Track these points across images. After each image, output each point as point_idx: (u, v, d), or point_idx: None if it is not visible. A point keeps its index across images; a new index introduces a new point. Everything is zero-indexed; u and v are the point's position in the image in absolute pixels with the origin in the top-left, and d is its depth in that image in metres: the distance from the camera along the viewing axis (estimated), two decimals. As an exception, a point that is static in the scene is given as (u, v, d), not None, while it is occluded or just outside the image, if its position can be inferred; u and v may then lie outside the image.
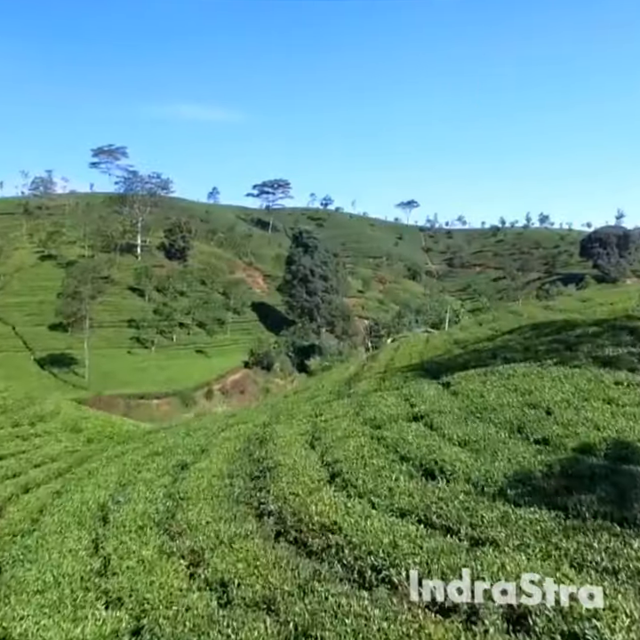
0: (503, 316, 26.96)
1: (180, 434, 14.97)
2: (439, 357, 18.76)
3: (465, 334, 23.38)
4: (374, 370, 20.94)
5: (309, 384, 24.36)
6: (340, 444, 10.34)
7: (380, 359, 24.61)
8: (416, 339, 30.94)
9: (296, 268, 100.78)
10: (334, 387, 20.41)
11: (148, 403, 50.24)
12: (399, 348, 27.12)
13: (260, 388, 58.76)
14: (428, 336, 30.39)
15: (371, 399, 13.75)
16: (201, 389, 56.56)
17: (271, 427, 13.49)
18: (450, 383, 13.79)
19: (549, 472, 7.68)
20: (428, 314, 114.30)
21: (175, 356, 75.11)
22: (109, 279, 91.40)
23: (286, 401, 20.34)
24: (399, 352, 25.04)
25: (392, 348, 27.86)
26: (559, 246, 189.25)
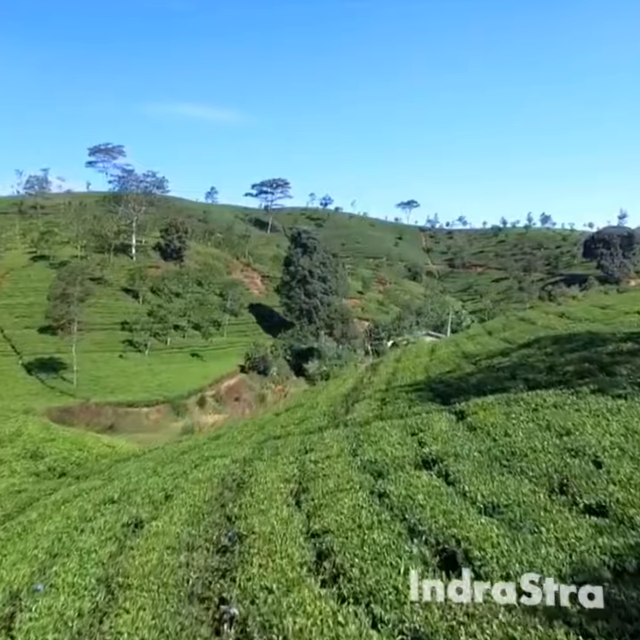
0: (514, 324, 24.79)
1: (147, 470, 12.76)
2: (448, 375, 16.59)
3: (474, 346, 21.22)
4: (374, 387, 18.77)
5: (303, 400, 22.16)
6: (331, 502, 8.15)
7: (380, 372, 22.44)
8: (419, 347, 28.75)
9: (294, 269, 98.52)
10: (329, 406, 18.26)
11: (137, 411, 47.93)
12: (401, 359, 24.96)
13: (255, 395, 56.56)
14: (432, 344, 28.21)
15: (371, 431, 11.57)
16: (194, 396, 54.27)
17: (253, 465, 11.33)
18: (464, 413, 11.60)
19: (621, 570, 5.51)
20: (429, 316, 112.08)
21: (169, 360, 72.86)
22: (102, 280, 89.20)
23: (276, 422, 18.19)
24: (402, 364, 22.88)
25: (394, 359, 25.69)
26: (561, 247, 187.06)
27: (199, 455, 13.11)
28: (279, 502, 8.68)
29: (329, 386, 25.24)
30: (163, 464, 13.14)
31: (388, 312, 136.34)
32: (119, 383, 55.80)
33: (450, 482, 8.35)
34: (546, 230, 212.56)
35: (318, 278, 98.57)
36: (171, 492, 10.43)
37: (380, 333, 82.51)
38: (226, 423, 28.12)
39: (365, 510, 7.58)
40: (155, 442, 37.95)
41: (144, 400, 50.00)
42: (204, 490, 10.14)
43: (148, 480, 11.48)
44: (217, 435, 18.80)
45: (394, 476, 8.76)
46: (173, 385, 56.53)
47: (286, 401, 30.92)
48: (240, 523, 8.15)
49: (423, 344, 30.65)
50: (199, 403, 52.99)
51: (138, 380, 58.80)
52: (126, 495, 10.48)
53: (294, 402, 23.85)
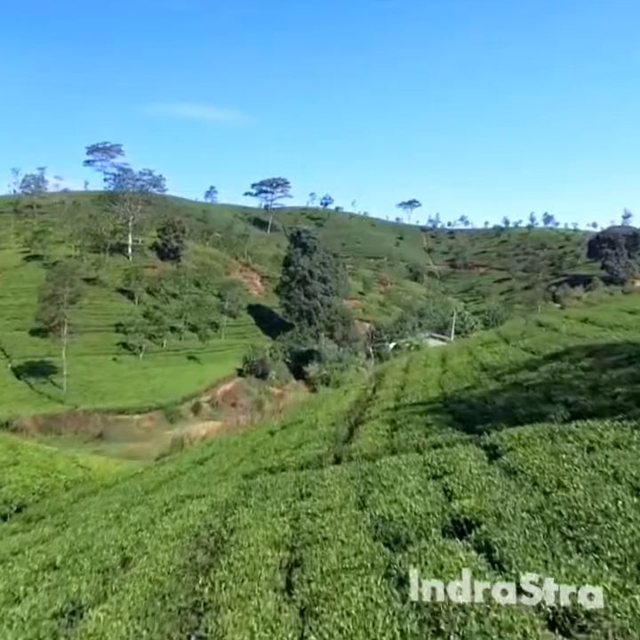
0: (534, 331, 22.54)
1: (110, 514, 10.52)
2: (467, 392, 14.39)
3: (492, 355, 18.97)
4: (381, 403, 16.53)
5: (301, 414, 19.95)
6: (334, 592, 5.95)
7: (386, 384, 20.21)
8: (428, 354, 26.52)
9: (294, 270, 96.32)
10: (330, 424, 16.06)
11: (128, 418, 45.58)
12: (409, 368, 22.74)
13: (252, 401, 54.31)
14: (442, 351, 25.98)
15: (381, 470, 9.36)
16: (188, 402, 52.00)
17: (236, 514, 9.13)
18: (497, 448, 9.38)
19: None
20: (431, 317, 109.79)
21: (165, 363, 70.63)
22: (97, 280, 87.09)
23: (269, 444, 15.97)
24: (410, 375, 20.66)
25: (401, 368, 23.46)
26: (565, 247, 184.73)
27: (174, 495, 10.90)
28: (264, 584, 6.46)
29: (329, 398, 23.01)
30: (130, 505, 10.94)
31: (390, 313, 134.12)
32: (111, 388, 53.55)
33: (495, 560, 6.15)
34: (549, 230, 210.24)
35: (318, 279, 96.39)
36: (129, 554, 8.21)
37: (382, 335, 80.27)
38: (218, 436, 25.89)
39: (382, 612, 5.37)
40: (144, 453, 35.84)
41: (136, 407, 47.69)
42: (171, 552, 7.93)
43: (106, 531, 9.28)
44: (203, 458, 16.59)
45: (417, 547, 6.53)
46: (168, 390, 54.29)
47: (283, 412, 28.72)
48: (209, 619, 5.96)
49: (431, 350, 28.42)
50: (194, 409, 50.71)
51: (131, 384, 56.56)
52: (73, 558, 8.26)
53: (291, 416, 21.64)
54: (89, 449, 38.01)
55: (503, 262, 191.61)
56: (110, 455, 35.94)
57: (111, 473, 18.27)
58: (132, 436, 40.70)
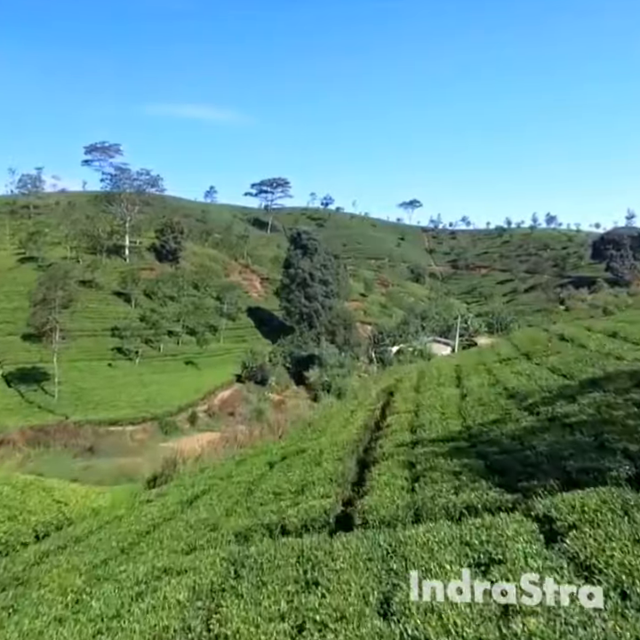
0: (559, 346, 20.53)
1: (63, 603, 8.48)
2: (496, 427, 12.39)
3: (516, 377, 16.96)
4: (394, 435, 14.52)
5: (303, 442, 17.97)
6: None
7: (397, 407, 18.20)
8: (439, 368, 24.49)
9: (294, 272, 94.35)
10: (336, 460, 14.09)
11: (121, 430, 43.42)
12: (421, 387, 20.73)
13: (251, 410, 52.24)
14: (455, 366, 23.98)
15: (407, 552, 7.39)
16: (184, 412, 49.87)
17: (223, 604, 7.16)
18: (554, 522, 7.40)
19: None
20: (434, 320, 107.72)
21: (161, 369, 68.62)
22: (93, 283, 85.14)
23: (268, 481, 13.96)
24: (423, 397, 18.66)
25: (411, 386, 21.43)
26: (568, 247, 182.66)
27: (151, 566, 8.89)
28: None
29: (334, 419, 21.00)
30: (96, 580, 8.92)
31: (392, 315, 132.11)
32: (104, 397, 51.48)
33: None
34: (551, 231, 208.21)
35: (319, 281, 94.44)
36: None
37: (384, 339, 78.25)
38: (212, 460, 23.89)
39: None
40: (135, 470, 33.83)
41: (129, 417, 45.54)
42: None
43: (57, 630, 7.26)
44: (192, 496, 14.59)
45: None
46: (163, 398, 52.22)
47: (284, 431, 26.76)
48: None
49: (443, 364, 26.41)
50: (190, 419, 48.57)
51: (125, 392, 54.50)
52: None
53: (293, 440, 19.67)
54: (78, 464, 36.08)
55: (505, 263, 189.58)
56: (100, 472, 34.02)
57: (90, 508, 16.27)
58: (124, 450, 38.69)
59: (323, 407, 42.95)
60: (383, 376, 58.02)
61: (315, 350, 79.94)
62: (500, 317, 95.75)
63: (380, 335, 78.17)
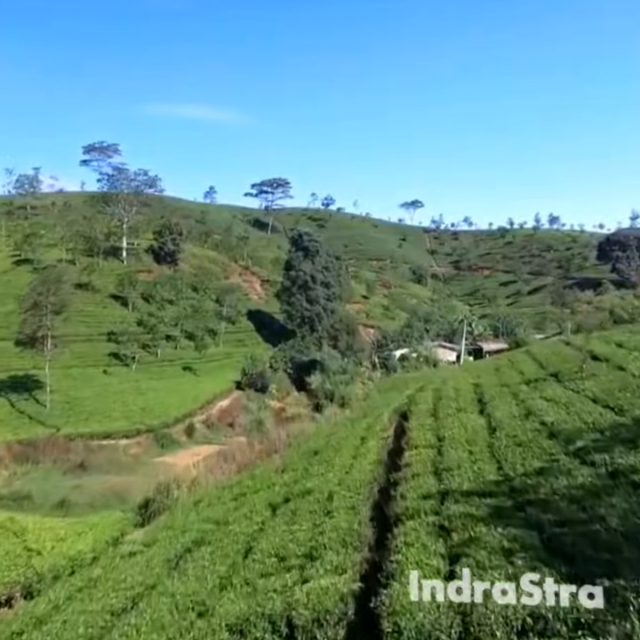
0: (594, 368, 18.40)
1: None
2: (544, 480, 10.33)
3: (553, 408, 14.87)
4: (417, 481, 12.42)
5: (309, 478, 15.91)
6: None
7: (415, 439, 16.09)
8: (456, 388, 22.40)
9: (295, 274, 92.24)
10: (349, 510, 12.04)
11: (114, 444, 41.12)
12: (439, 412, 18.64)
13: (251, 420, 50.13)
14: (474, 385, 21.91)
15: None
16: (182, 423, 47.70)
17: None
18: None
19: None
20: (438, 323, 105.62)
21: (159, 375, 66.46)
22: (89, 286, 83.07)
23: (267, 544, 11.90)
24: (443, 423, 16.59)
25: (427, 411, 19.33)
26: (572, 248, 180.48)
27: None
28: None
29: (341, 448, 18.89)
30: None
31: (394, 317, 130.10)
32: (98, 407, 49.31)
33: None
34: (555, 232, 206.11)
35: (321, 284, 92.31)
36: None
37: (388, 344, 76.20)
38: (208, 491, 21.81)
39: None
40: (128, 490, 31.76)
41: (123, 430, 43.27)
42: None
43: None
44: (183, 549, 12.55)
45: None
46: (160, 408, 50.08)
47: (286, 452, 24.63)
48: None
49: (460, 381, 24.31)
50: (187, 431, 46.35)
51: (120, 401, 52.31)
52: None
53: (296, 475, 17.60)
54: (68, 482, 34.02)
55: (508, 264, 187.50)
56: (90, 492, 31.98)
57: (67, 557, 14.20)
58: (116, 466, 36.63)
59: (326, 420, 40.90)
60: (387, 382, 56.02)
61: (316, 355, 77.88)
62: (505, 321, 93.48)
63: (383, 340, 76.08)
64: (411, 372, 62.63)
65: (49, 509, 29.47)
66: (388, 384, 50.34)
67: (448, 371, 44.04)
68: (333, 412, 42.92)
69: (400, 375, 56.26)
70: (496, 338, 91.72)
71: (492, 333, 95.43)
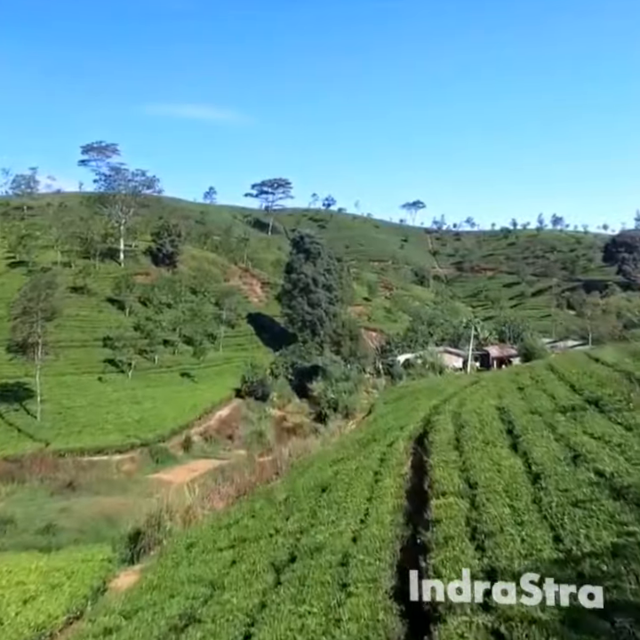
0: (633, 391, 16.23)
1: None
2: (621, 565, 8.21)
3: (604, 449, 12.73)
4: (448, 545, 10.24)
5: (317, 532, 13.75)
6: None
7: (439, 479, 13.88)
8: (478, 411, 20.21)
9: (296, 277, 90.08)
10: (368, 584, 9.91)
11: (106, 460, 38.66)
12: (461, 439, 16.48)
13: (252, 432, 47.92)
14: (499, 408, 19.75)
15: None
16: (178, 435, 45.40)
17: None
18: None
19: None
20: (442, 327, 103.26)
21: (155, 383, 64.27)
22: (85, 289, 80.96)
23: (273, 610, 9.76)
24: (470, 456, 14.44)
25: (448, 440, 17.15)
26: (576, 250, 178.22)
27: None
28: None
29: (352, 484, 16.69)
30: None
31: (396, 320, 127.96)
32: (91, 418, 47.05)
33: None
34: (558, 232, 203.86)
35: (322, 286, 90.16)
36: None
37: (392, 349, 74.03)
38: (202, 530, 19.61)
39: None
40: (118, 512, 29.59)
41: (116, 444, 40.81)
42: None
43: None
44: (166, 630, 10.39)
45: None
46: (156, 419, 47.85)
47: (288, 476, 22.44)
48: None
49: (482, 402, 22.12)
50: (184, 445, 44.07)
51: (115, 411, 50.07)
52: None
53: (303, 517, 15.43)
54: (55, 504, 31.83)
55: (512, 266, 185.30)
56: (79, 516, 29.81)
57: (35, 626, 12.04)
58: (108, 484, 34.43)
59: (330, 434, 38.75)
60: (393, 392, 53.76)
61: (318, 361, 75.76)
62: (512, 326, 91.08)
63: (387, 345, 73.87)
64: (416, 380, 60.47)
65: (33, 535, 27.35)
66: (395, 394, 48.15)
67: (457, 379, 41.82)
68: (337, 426, 40.74)
69: (406, 384, 54.00)
70: (502, 343, 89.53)
71: (497, 338, 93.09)
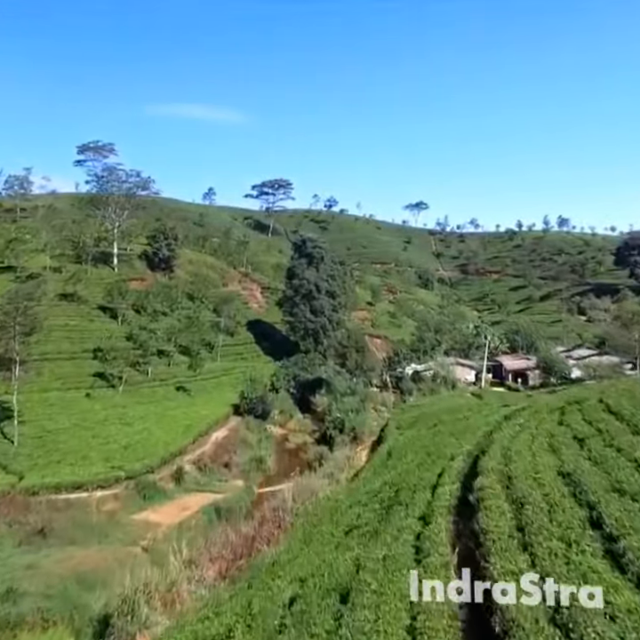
0: None
1: None
2: None
3: None
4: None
5: None
6: None
7: (507, 603, 9.56)
8: (527, 473, 15.89)
9: (299, 283, 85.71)
10: None
11: (85, 498, 33.26)
12: (528, 535, 12.19)
13: (251, 458, 43.37)
14: (565, 484, 15.46)
15: None
16: (170, 464, 40.59)
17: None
18: None
19: None
20: (449, 334, 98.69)
21: (148, 399, 59.84)
22: (75, 296, 76.61)
23: None
24: (545, 562, 10.15)
25: (508, 533, 12.84)
26: (584, 252, 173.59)
27: None
28: None
29: (384, 594, 12.40)
30: None
31: (401, 325, 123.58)
32: (74, 444, 42.49)
33: None
34: (565, 234, 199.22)
35: (326, 293, 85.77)
36: None
37: (400, 361, 69.72)
38: (187, 614, 15.30)
39: None
40: (93, 572, 25.50)
41: (98, 478, 35.92)
42: None
43: None
44: None
45: None
46: (145, 445, 43.28)
47: (293, 537, 18.12)
48: None
49: (524, 447, 17.87)
50: (175, 476, 39.34)
51: (101, 434, 45.60)
52: None
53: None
54: (21, 558, 27.46)
55: (518, 268, 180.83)
56: (48, 576, 25.44)
57: None
58: (86, 530, 29.95)
59: (339, 469, 34.41)
60: (406, 412, 49.44)
61: (322, 373, 71.50)
62: (525, 334, 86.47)
63: (395, 357, 69.53)
64: (428, 397, 56.13)
65: (-9, 602, 22.96)
66: (408, 416, 43.81)
67: (482, 407, 37.52)
68: (346, 456, 36.35)
69: (418, 402, 49.51)
70: (514, 352, 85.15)
71: (508, 346, 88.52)
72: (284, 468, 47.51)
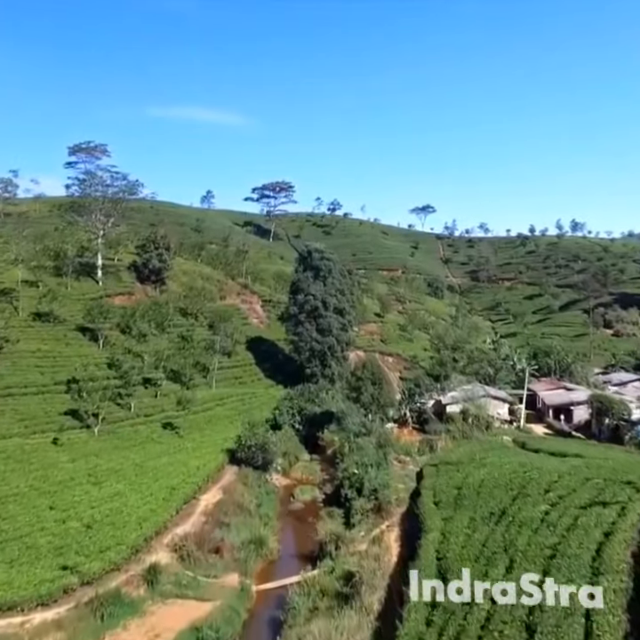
0: None
1: None
2: None
3: None
4: None
5: None
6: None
7: None
8: None
9: (304, 299, 76.73)
10: None
11: (15, 628, 23.83)
12: None
13: (248, 539, 34.04)
14: None
15: None
16: (142, 554, 30.99)
17: None
18: None
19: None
20: (467, 352, 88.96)
21: (128, 442, 50.64)
22: (51, 316, 67.62)
23: None
24: None
25: None
26: (603, 259, 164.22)
27: None
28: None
29: None
30: None
31: (412, 339, 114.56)
32: (21, 523, 32.34)
33: None
34: (581, 239, 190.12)
35: (334, 310, 76.82)
36: None
37: (423, 393, 60.64)
38: None
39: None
40: None
41: (41, 590, 25.11)
42: None
43: None
44: None
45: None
46: (115, 519, 33.90)
47: None
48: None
49: None
50: (148, 577, 29.51)
51: (61, 504, 35.94)
52: None
53: None
54: None
55: (532, 275, 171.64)
56: None
57: None
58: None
59: (365, 591, 25.27)
60: (446, 476, 40.33)
61: (332, 404, 62.48)
62: (559, 357, 76.91)
63: (416, 388, 60.38)
64: (461, 445, 46.94)
65: None
66: (449, 483, 34.49)
67: (556, 467, 28.29)
68: (375, 559, 27.17)
69: (455, 456, 39.93)
70: (545, 376, 75.80)
71: (535, 369, 78.66)
72: (289, 545, 38.38)
